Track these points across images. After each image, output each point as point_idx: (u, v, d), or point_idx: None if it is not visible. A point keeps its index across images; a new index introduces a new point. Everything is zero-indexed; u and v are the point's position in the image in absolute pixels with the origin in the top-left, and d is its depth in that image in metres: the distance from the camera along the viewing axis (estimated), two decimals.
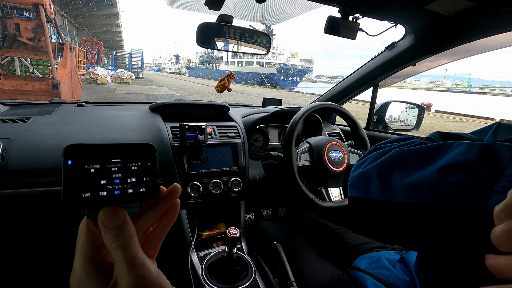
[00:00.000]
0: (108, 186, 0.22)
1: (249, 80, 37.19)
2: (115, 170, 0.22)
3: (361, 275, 0.66)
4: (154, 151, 0.24)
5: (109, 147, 0.22)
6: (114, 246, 0.21)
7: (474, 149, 0.31)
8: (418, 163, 0.35)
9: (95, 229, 0.23)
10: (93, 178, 0.22)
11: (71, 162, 0.21)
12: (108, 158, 0.22)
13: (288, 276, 0.71)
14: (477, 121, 12.17)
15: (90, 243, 0.22)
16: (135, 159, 0.23)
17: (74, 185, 0.21)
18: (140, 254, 0.22)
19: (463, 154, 0.31)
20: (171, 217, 0.26)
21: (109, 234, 0.21)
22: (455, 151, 0.32)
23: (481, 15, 0.78)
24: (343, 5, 0.80)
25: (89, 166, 0.22)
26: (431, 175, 0.32)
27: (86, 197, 0.21)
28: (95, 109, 1.15)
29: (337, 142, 1.01)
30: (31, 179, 0.78)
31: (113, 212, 0.22)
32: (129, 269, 0.21)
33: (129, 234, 0.22)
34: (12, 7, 6.74)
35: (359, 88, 1.36)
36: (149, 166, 0.24)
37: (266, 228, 0.96)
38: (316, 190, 0.98)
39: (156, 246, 0.26)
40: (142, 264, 0.21)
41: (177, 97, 13.62)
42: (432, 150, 0.35)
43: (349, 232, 0.93)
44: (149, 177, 0.24)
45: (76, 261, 0.22)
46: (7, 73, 6.85)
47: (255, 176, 1.17)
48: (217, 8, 0.74)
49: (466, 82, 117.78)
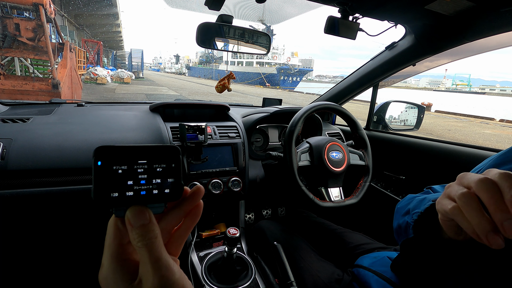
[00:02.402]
0: (134, 187, 0.23)
1: (249, 80, 37.18)
2: (141, 171, 0.23)
3: (364, 273, 0.66)
4: (178, 153, 0.25)
5: (135, 149, 0.23)
6: (140, 245, 0.22)
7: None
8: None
9: (122, 228, 0.23)
10: (120, 179, 0.23)
11: (101, 163, 0.22)
12: (134, 159, 0.23)
13: (288, 276, 0.70)
14: (477, 121, 12.17)
15: (117, 241, 0.23)
16: (160, 161, 0.24)
17: (104, 185, 0.22)
18: (165, 255, 0.23)
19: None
20: (194, 218, 0.26)
21: (135, 233, 0.22)
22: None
23: (481, 15, 0.78)
24: (343, 5, 0.80)
25: (117, 167, 0.23)
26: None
27: (114, 196, 0.22)
28: (95, 109, 1.15)
29: (337, 142, 1.01)
30: (31, 179, 0.78)
31: (139, 212, 0.23)
32: (153, 269, 0.21)
33: (154, 234, 0.22)
34: (12, 7, 6.73)
35: (359, 88, 1.36)
36: (174, 167, 0.24)
37: (265, 227, 0.96)
38: (316, 190, 0.98)
39: (179, 246, 0.27)
40: (166, 265, 0.22)
41: (177, 97, 13.61)
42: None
43: (350, 232, 0.93)
44: (174, 178, 0.24)
45: (104, 258, 0.23)
46: (7, 73, 6.85)
47: (255, 176, 1.17)
48: (217, 8, 0.74)
49: (466, 82, 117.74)
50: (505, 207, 0.26)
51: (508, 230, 0.25)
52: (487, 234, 0.26)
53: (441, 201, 0.32)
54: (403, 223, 0.48)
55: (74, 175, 0.82)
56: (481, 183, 0.28)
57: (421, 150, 1.14)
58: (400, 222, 0.50)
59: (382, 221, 1.30)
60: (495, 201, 0.26)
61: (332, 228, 0.95)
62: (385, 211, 1.27)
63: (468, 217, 0.28)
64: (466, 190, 0.29)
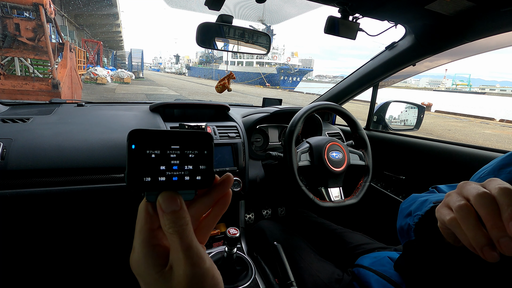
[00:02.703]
0: (167, 172, 0.23)
1: (249, 80, 37.17)
2: (173, 156, 0.23)
3: (364, 272, 0.66)
4: (211, 140, 0.24)
5: (169, 134, 0.23)
6: (171, 232, 0.22)
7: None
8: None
9: (153, 213, 0.23)
10: (153, 163, 0.22)
11: (135, 146, 0.22)
12: (167, 144, 0.23)
13: (288, 276, 0.70)
14: (477, 121, 12.17)
15: (147, 226, 0.23)
16: (193, 147, 0.24)
17: (137, 169, 0.22)
18: (195, 243, 0.22)
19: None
20: (222, 206, 0.26)
21: (166, 219, 0.22)
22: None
23: (481, 15, 0.78)
24: (343, 5, 0.80)
25: (150, 152, 0.22)
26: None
27: (146, 181, 0.22)
28: (95, 109, 1.15)
29: (337, 142, 1.01)
30: (31, 179, 0.78)
31: (171, 198, 0.22)
32: (185, 257, 0.21)
33: (184, 221, 0.22)
34: (12, 7, 6.73)
35: (359, 88, 1.36)
36: (206, 154, 0.24)
37: (265, 228, 0.96)
38: (316, 190, 0.98)
39: (206, 234, 0.27)
40: (197, 253, 0.22)
41: (177, 97, 13.61)
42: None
43: (350, 232, 0.93)
44: (205, 165, 0.24)
45: (136, 242, 0.23)
46: (7, 73, 6.85)
47: (255, 176, 1.17)
48: (217, 8, 0.74)
49: (466, 82, 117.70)
50: (502, 224, 0.25)
51: (504, 247, 0.25)
52: (482, 248, 0.26)
53: (440, 210, 0.32)
54: (405, 225, 0.49)
55: (74, 175, 0.82)
56: (479, 198, 0.28)
57: (421, 150, 1.14)
58: (403, 224, 0.50)
59: (382, 221, 1.30)
60: (492, 218, 0.26)
61: (332, 228, 0.95)
62: (385, 211, 1.27)
63: (464, 230, 0.28)
64: (464, 203, 0.29)
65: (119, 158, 0.87)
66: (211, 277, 0.22)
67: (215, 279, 0.23)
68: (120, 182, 0.87)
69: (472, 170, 0.94)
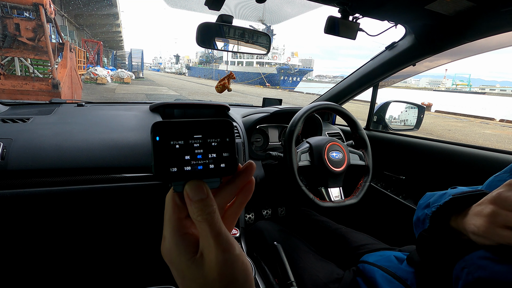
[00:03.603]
0: (192, 161, 0.23)
1: (249, 80, 37.17)
2: (197, 146, 0.23)
3: (369, 268, 0.66)
4: (232, 127, 0.25)
5: (190, 123, 0.23)
6: (200, 220, 0.22)
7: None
8: None
9: (180, 203, 0.24)
10: (178, 154, 0.23)
11: (159, 138, 0.22)
12: (190, 134, 0.23)
13: (288, 276, 0.70)
14: (477, 121, 12.17)
15: (176, 215, 0.24)
16: (215, 135, 0.24)
17: (163, 160, 0.22)
18: (224, 229, 0.23)
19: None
20: (247, 194, 0.27)
21: (194, 207, 0.22)
22: None
23: (481, 15, 0.78)
24: (343, 5, 0.80)
25: (174, 142, 0.23)
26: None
27: (173, 171, 0.22)
28: (95, 109, 1.15)
29: (337, 142, 1.01)
30: (31, 179, 0.78)
31: (198, 186, 0.23)
32: (216, 243, 0.22)
33: (212, 209, 0.23)
34: (12, 7, 6.73)
35: (359, 88, 1.36)
36: (228, 142, 0.24)
37: (263, 228, 0.96)
38: (316, 190, 0.98)
39: (232, 222, 0.27)
40: (227, 240, 0.22)
41: (177, 97, 13.61)
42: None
43: (354, 231, 0.93)
44: (228, 152, 0.24)
45: (166, 231, 0.24)
46: (7, 73, 6.85)
47: (255, 176, 1.17)
48: (217, 8, 0.74)
49: (466, 82, 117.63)
50: None
51: None
52: None
53: (499, 232, 0.35)
54: (422, 215, 0.50)
55: (74, 175, 0.82)
56: None
57: (421, 150, 1.14)
58: (419, 215, 0.52)
59: (382, 221, 1.30)
60: None
61: (334, 227, 0.95)
62: (385, 211, 1.27)
63: None
64: None
65: (119, 158, 0.87)
66: (241, 263, 0.23)
67: (245, 265, 0.23)
68: (120, 182, 0.87)
69: (472, 170, 0.94)
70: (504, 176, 0.45)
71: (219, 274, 0.22)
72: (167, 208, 0.24)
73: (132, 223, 0.96)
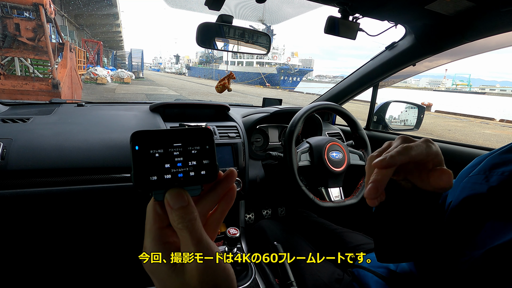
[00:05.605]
0: (172, 170, 0.23)
1: (249, 80, 37.17)
2: (177, 154, 0.23)
3: (364, 273, 0.66)
4: (211, 135, 0.25)
5: (169, 132, 0.23)
6: (181, 227, 0.22)
7: None
8: None
9: (161, 212, 0.24)
10: (158, 162, 0.23)
11: (138, 147, 0.22)
12: (170, 142, 0.23)
13: (288, 276, 0.70)
14: (477, 121, 12.17)
15: (157, 225, 0.24)
16: (194, 143, 0.24)
17: (143, 169, 0.22)
18: (205, 236, 0.23)
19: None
20: (229, 201, 0.27)
21: (175, 215, 0.22)
22: None
23: (481, 15, 0.78)
24: (343, 5, 0.80)
25: (154, 151, 0.23)
26: None
27: (153, 180, 0.22)
28: (95, 109, 1.15)
29: (337, 142, 1.01)
30: (31, 179, 0.78)
31: (178, 194, 0.23)
32: (196, 250, 0.22)
33: (193, 216, 0.23)
34: (12, 7, 6.73)
35: (359, 88, 1.36)
36: (208, 149, 0.25)
37: (266, 227, 0.96)
38: (316, 190, 0.98)
39: (215, 230, 0.27)
40: (207, 246, 0.22)
41: (177, 97, 13.61)
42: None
43: (350, 232, 0.93)
44: (208, 160, 0.25)
45: (146, 241, 0.24)
46: (7, 73, 6.85)
47: (255, 176, 1.17)
48: (217, 8, 0.74)
49: (466, 82, 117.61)
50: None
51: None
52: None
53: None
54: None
55: (74, 175, 0.82)
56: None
57: None
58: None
59: None
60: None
61: (332, 228, 0.95)
62: None
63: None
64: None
65: (119, 158, 0.87)
66: (222, 269, 0.23)
67: (227, 271, 0.23)
68: (120, 182, 0.87)
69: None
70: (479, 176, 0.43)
71: (200, 282, 0.22)
72: (148, 218, 0.24)
73: (132, 223, 0.96)
